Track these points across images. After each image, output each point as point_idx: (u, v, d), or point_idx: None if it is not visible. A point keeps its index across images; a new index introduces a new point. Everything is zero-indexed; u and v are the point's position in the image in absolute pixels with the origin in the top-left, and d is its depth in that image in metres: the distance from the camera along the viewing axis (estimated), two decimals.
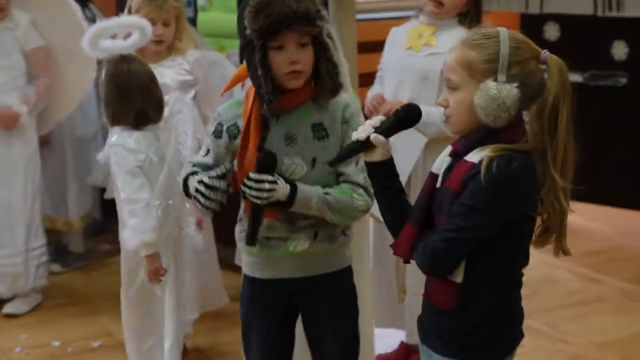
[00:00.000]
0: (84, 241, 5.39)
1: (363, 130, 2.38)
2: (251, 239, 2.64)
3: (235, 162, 2.66)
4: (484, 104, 2.26)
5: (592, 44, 5.63)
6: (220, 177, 2.65)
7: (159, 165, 3.41)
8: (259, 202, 2.56)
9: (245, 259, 2.80)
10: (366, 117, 2.84)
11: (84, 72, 4.60)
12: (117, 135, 3.42)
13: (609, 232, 5.82)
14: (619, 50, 5.58)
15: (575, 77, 5.65)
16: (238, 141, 2.65)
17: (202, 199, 2.63)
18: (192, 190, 2.66)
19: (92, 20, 4.71)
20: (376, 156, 2.39)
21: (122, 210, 3.46)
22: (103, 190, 5.42)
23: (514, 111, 2.26)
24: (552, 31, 5.79)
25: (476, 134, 2.32)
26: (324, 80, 2.63)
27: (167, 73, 3.91)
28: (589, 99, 5.59)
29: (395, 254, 2.42)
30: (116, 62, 3.43)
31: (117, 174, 3.39)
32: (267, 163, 2.57)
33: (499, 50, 2.27)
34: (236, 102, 2.74)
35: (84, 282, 5.08)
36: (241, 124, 2.66)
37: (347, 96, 2.73)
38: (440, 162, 2.41)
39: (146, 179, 3.38)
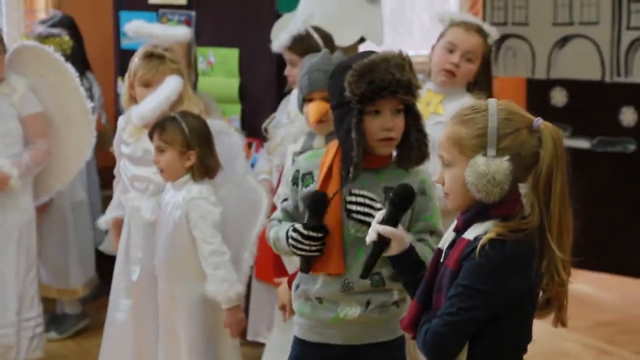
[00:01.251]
0: (81, 303, 5.26)
1: (372, 230, 2.43)
2: (305, 268, 2.72)
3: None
4: (475, 180, 2.23)
5: (600, 109, 5.57)
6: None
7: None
8: (368, 219, 2.58)
9: (297, 320, 2.85)
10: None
11: (83, 139, 4.55)
12: (197, 188, 3.49)
13: (620, 302, 5.70)
14: (628, 116, 5.51)
15: (583, 144, 5.59)
16: (310, 189, 2.74)
17: (299, 246, 2.68)
18: (291, 241, 2.70)
19: (88, 89, 4.64)
20: (394, 249, 2.41)
21: (206, 263, 3.48)
22: (105, 257, 5.41)
23: (507, 185, 2.22)
24: (559, 97, 5.73)
25: (472, 210, 2.29)
26: (412, 148, 2.70)
27: None
28: (597, 166, 5.53)
29: (403, 329, 2.40)
30: (189, 117, 3.54)
31: (202, 227, 3.47)
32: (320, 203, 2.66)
33: (487, 125, 2.24)
34: (316, 153, 2.85)
35: (79, 353, 4.95)
36: (317, 174, 2.74)
37: (424, 169, 2.78)
38: (445, 238, 2.37)
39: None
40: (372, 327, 2.74)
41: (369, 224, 2.56)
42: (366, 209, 2.64)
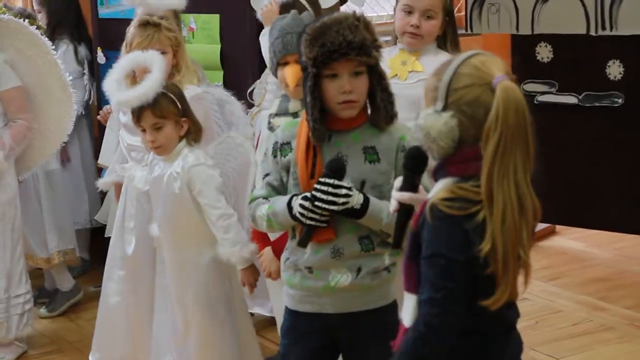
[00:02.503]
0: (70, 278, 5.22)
1: (393, 199, 2.35)
2: (305, 241, 2.68)
3: (290, 180, 2.72)
4: (417, 133, 2.16)
5: (586, 64, 5.52)
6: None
7: None
8: (335, 207, 2.58)
9: (287, 291, 2.84)
10: None
11: (64, 112, 4.52)
12: (193, 155, 3.49)
13: (611, 258, 5.70)
14: (614, 69, 5.46)
15: (570, 99, 5.55)
16: (288, 158, 2.73)
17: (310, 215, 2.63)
18: (302, 211, 2.64)
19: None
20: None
21: (215, 228, 3.48)
22: (94, 231, 5.38)
23: (445, 142, 2.11)
24: (544, 52, 5.68)
25: (435, 166, 2.20)
26: (379, 108, 2.66)
27: None
28: (584, 121, 5.49)
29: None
30: (171, 86, 3.55)
31: (207, 192, 3.47)
32: (339, 170, 2.59)
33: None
34: (292, 122, 2.84)
35: (71, 329, 4.94)
36: (294, 143, 2.73)
37: (404, 125, 2.73)
38: None
39: None
40: (364, 293, 2.72)
41: (333, 211, 2.58)
42: (330, 197, 2.59)
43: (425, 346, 2.10)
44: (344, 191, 2.58)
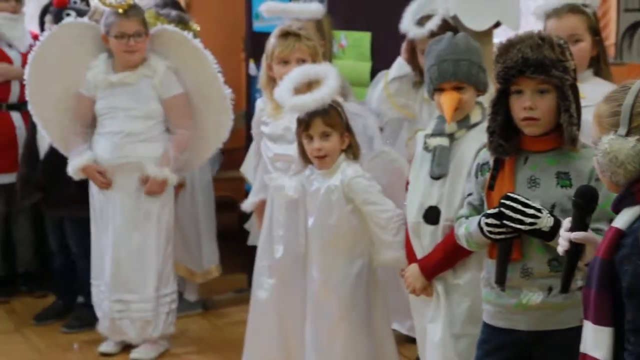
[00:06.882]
0: (199, 290, 5.35)
1: (562, 239, 2.37)
2: (500, 276, 2.73)
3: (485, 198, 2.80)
4: (600, 158, 2.16)
5: None
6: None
7: None
8: (522, 227, 2.62)
9: (484, 306, 2.89)
10: None
11: (222, 119, 4.65)
12: (351, 168, 3.60)
13: None
14: None
15: None
16: (485, 177, 2.80)
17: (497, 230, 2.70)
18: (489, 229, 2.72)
19: None
20: (590, 254, 2.31)
21: (386, 231, 3.57)
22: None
23: (633, 166, 2.13)
24: None
25: (619, 194, 2.19)
26: (563, 130, 2.68)
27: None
28: None
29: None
30: (337, 102, 3.65)
31: (372, 198, 3.59)
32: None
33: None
34: None
35: (211, 331, 5.05)
36: (492, 162, 2.80)
37: None
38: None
39: None
40: (556, 312, 2.74)
41: (520, 229, 2.62)
42: (518, 215, 2.64)
43: None
44: (531, 211, 2.62)
